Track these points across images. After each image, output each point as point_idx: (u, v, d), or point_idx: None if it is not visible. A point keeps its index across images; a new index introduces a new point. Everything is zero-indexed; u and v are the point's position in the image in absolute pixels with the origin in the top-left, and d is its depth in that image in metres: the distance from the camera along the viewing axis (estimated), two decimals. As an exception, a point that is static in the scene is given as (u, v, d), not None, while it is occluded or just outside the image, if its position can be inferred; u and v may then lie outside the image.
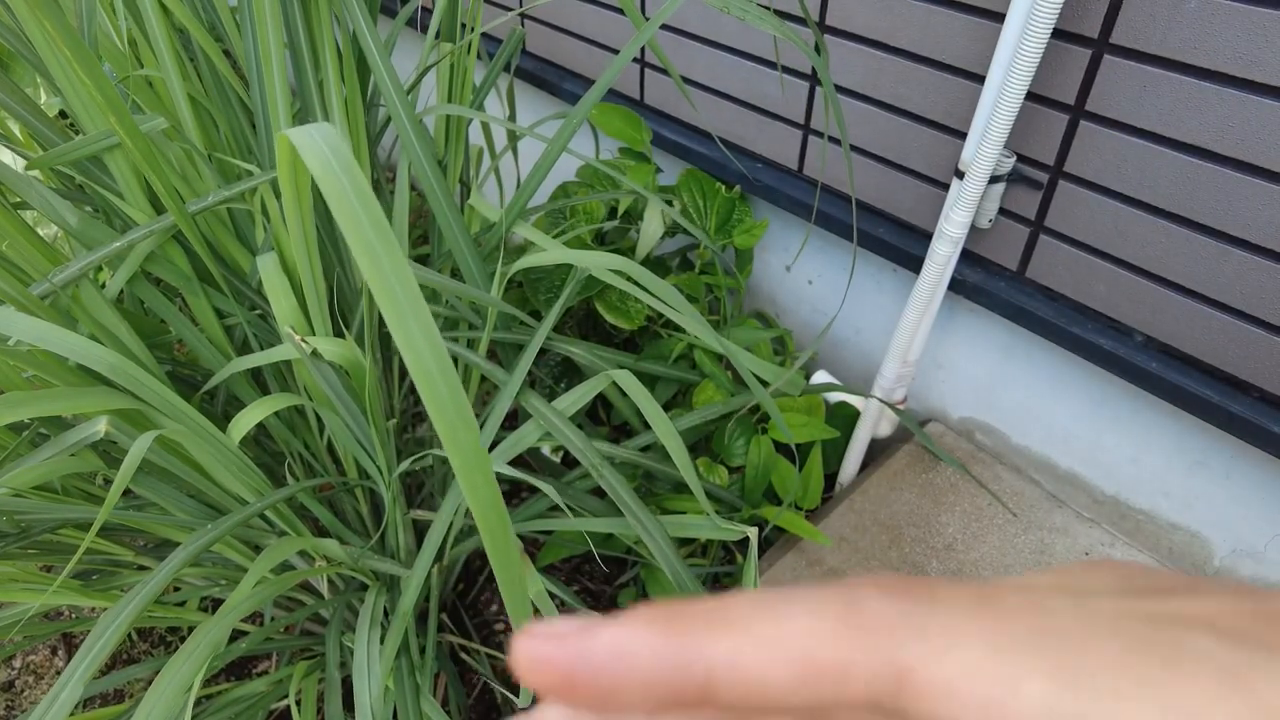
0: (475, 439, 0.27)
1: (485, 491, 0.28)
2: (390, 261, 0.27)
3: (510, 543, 0.29)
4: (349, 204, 0.30)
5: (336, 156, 0.32)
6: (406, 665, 0.70)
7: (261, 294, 0.81)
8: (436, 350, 0.28)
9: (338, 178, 0.31)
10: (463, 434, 0.27)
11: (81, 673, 0.49)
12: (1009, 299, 1.02)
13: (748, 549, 0.70)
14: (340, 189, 0.30)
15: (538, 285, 1.10)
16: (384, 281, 0.29)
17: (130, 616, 0.49)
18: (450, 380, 0.28)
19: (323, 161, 0.31)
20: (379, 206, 0.30)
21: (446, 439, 0.27)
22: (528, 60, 1.50)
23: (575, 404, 0.71)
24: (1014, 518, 1.12)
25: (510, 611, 0.30)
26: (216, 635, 0.50)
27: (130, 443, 0.63)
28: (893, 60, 0.99)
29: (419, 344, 0.27)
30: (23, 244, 0.61)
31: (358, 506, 0.89)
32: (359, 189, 0.30)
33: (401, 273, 0.27)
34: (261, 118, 0.77)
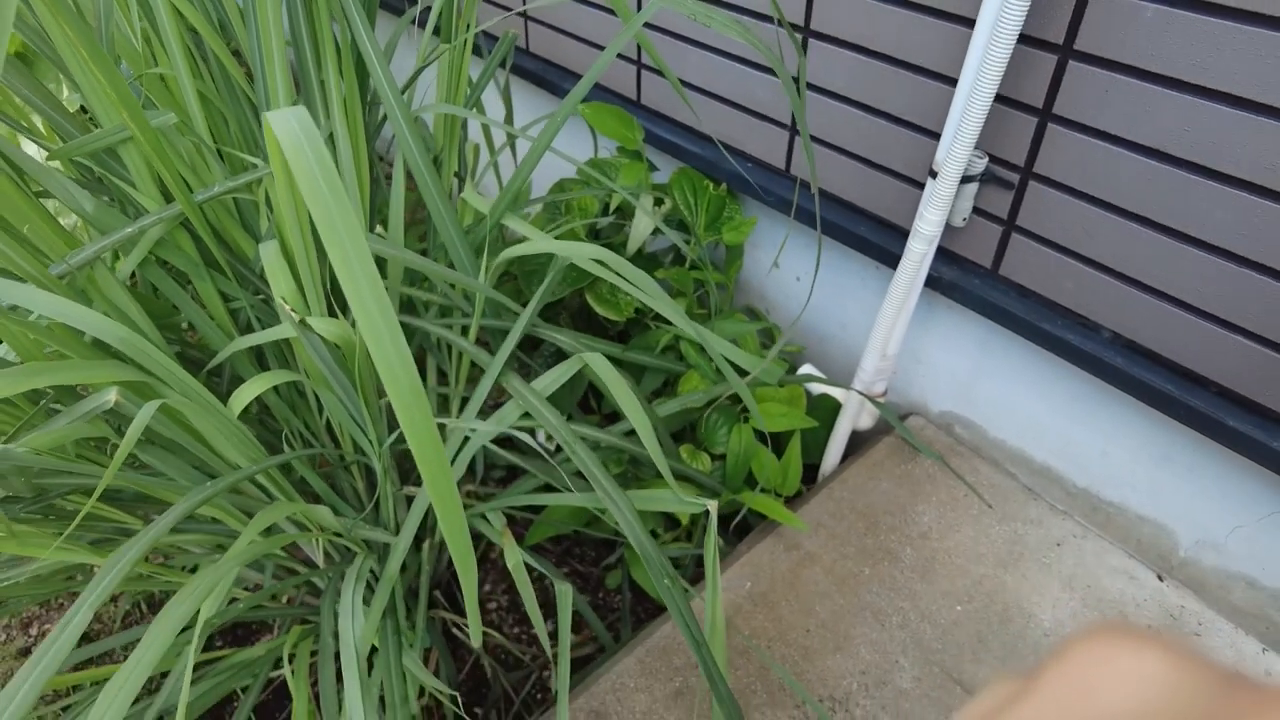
0: (411, 373, 0.32)
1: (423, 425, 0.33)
2: (345, 226, 0.32)
3: (448, 474, 0.33)
4: (312, 175, 0.35)
5: (305, 134, 0.36)
6: (391, 626, 0.75)
7: (265, 280, 0.87)
8: (384, 308, 0.33)
9: (304, 152, 0.35)
10: (400, 372, 0.32)
11: (84, 612, 0.54)
12: (984, 296, 1.05)
13: (724, 529, 0.74)
14: (306, 163, 0.35)
15: (531, 278, 1.15)
16: (339, 244, 0.34)
17: (133, 559, 0.54)
18: (394, 331, 0.32)
19: (292, 138, 0.36)
20: (339, 178, 0.34)
21: (386, 376, 0.32)
22: (530, 61, 1.55)
23: (552, 384, 0.76)
24: (989, 509, 1.15)
25: (451, 548, 0.34)
26: (216, 577, 0.55)
27: (137, 412, 0.69)
28: (872, 64, 1.03)
29: (367, 300, 0.31)
30: (44, 229, 0.66)
31: (354, 483, 0.94)
32: (322, 161, 0.35)
33: (355, 235, 0.32)
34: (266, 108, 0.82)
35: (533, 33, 1.53)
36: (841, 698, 0.95)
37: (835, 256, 1.25)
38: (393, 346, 0.32)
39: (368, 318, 0.32)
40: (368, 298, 0.31)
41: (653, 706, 0.95)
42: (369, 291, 0.32)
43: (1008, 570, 1.08)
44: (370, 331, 0.32)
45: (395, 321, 0.33)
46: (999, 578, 1.07)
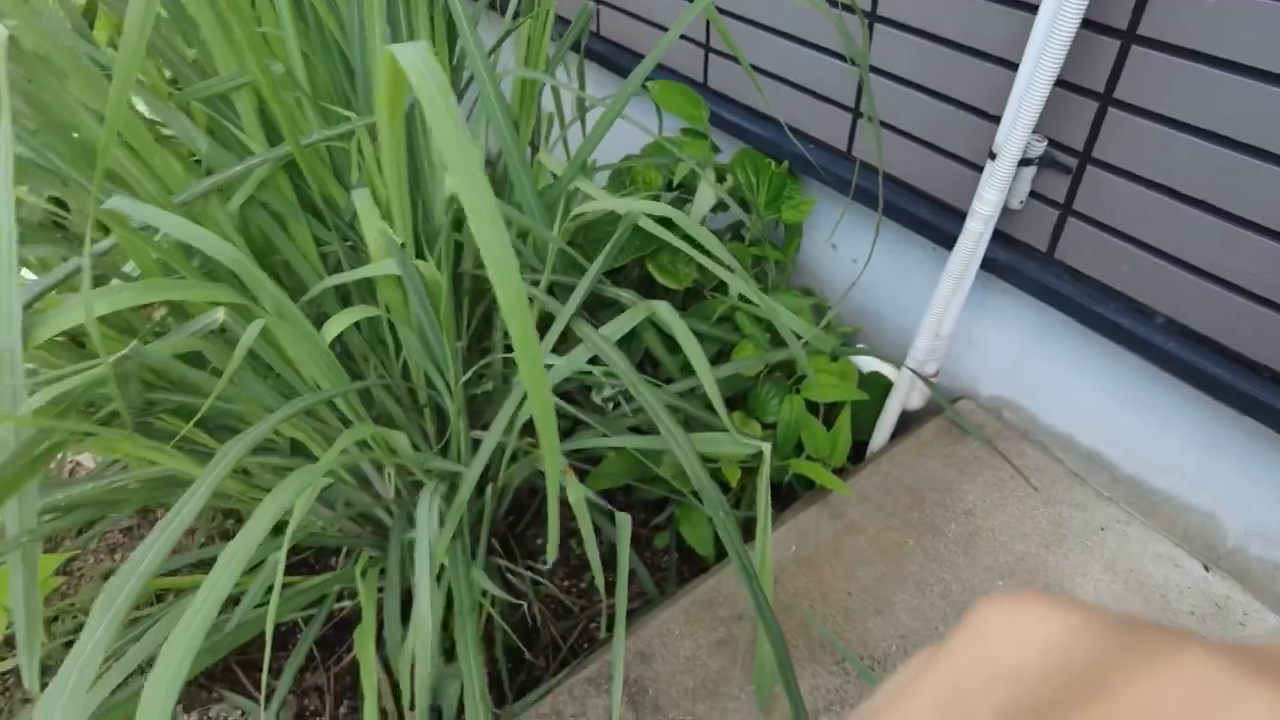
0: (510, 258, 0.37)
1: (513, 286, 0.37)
2: (462, 144, 0.37)
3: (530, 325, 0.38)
4: (435, 98, 0.40)
5: (426, 63, 0.42)
6: (460, 547, 0.80)
7: (353, 226, 0.93)
8: (491, 211, 0.38)
9: (426, 75, 0.41)
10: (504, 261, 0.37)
11: (190, 507, 0.60)
12: (1038, 279, 1.07)
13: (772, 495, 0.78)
14: (429, 87, 0.40)
15: (595, 246, 1.20)
16: (460, 160, 0.39)
17: (238, 456, 0.60)
18: (497, 224, 0.37)
19: (417, 66, 0.41)
20: (454, 100, 0.39)
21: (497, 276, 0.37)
22: (601, 44, 1.60)
23: (620, 330, 0.81)
24: (1034, 491, 1.17)
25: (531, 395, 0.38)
26: (308, 479, 0.61)
27: (240, 334, 0.75)
28: (936, 48, 1.06)
29: (479, 206, 0.36)
30: (171, 161, 0.73)
31: (424, 424, 1.00)
32: (441, 84, 0.40)
33: (469, 153, 0.37)
34: (360, 72, 0.89)
35: (604, 16, 1.58)
36: (880, 658, 0.98)
37: (892, 238, 1.27)
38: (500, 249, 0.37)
39: (482, 226, 0.37)
40: (481, 208, 0.36)
41: (696, 653, 0.99)
42: (482, 203, 0.37)
43: (1050, 550, 1.09)
44: (483, 238, 0.37)
45: (504, 231, 0.38)
46: (1041, 557, 1.09)
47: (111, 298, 0.65)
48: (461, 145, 0.37)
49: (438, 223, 0.88)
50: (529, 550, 1.29)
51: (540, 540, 1.30)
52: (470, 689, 0.68)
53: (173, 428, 0.92)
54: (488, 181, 0.39)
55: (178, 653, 0.48)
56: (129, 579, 0.51)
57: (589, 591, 1.25)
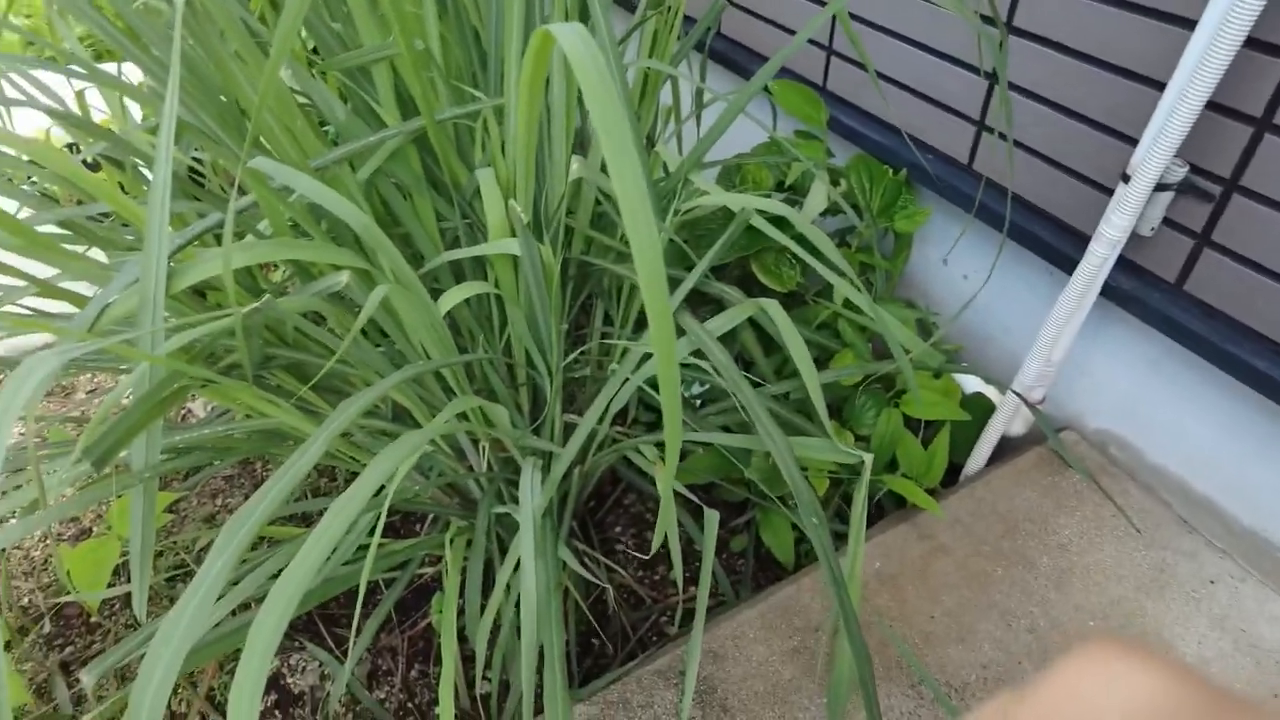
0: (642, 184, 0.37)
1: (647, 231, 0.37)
2: (618, 119, 0.37)
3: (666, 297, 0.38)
4: (592, 75, 0.40)
5: (585, 42, 0.42)
6: (548, 525, 0.81)
7: (472, 205, 0.95)
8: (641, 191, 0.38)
9: (585, 56, 0.41)
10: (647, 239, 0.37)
11: (308, 457, 0.62)
12: (1163, 311, 1.02)
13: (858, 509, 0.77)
14: (587, 64, 0.41)
15: (700, 242, 1.20)
16: (615, 137, 0.39)
17: (354, 414, 0.63)
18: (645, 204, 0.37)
19: (574, 43, 0.42)
20: (611, 74, 0.40)
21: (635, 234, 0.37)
22: (720, 41, 1.60)
23: (723, 326, 0.80)
24: (1137, 533, 1.11)
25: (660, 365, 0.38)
26: (417, 441, 0.63)
27: (363, 299, 0.78)
28: (1072, 63, 1.02)
29: (630, 186, 0.37)
30: (306, 130, 0.77)
31: (520, 403, 1.02)
32: (599, 63, 0.40)
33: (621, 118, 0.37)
34: (494, 55, 0.91)
35: (726, 15, 1.58)
36: (959, 686, 0.95)
37: (1007, 257, 1.23)
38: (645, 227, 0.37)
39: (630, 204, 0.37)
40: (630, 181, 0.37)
41: (769, 659, 0.98)
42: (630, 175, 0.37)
43: (1150, 597, 1.04)
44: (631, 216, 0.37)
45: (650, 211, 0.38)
46: (1139, 602, 1.04)
47: (249, 252, 0.68)
48: (618, 123, 0.37)
49: (554, 206, 0.89)
50: (606, 538, 1.30)
51: (618, 528, 1.31)
52: (550, 664, 0.69)
53: (283, 383, 0.96)
54: (639, 162, 0.40)
55: (288, 590, 0.50)
56: (250, 516, 0.53)
57: (662, 584, 1.25)
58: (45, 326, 0.60)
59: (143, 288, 0.65)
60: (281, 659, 1.21)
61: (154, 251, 0.65)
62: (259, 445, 0.99)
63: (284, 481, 0.59)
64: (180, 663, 0.47)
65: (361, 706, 1.15)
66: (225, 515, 1.39)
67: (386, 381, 0.65)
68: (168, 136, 0.63)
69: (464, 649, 1.16)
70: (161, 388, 0.68)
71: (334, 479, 1.43)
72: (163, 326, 0.67)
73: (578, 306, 1.15)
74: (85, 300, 0.75)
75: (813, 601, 1.04)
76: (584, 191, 0.99)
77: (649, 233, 0.37)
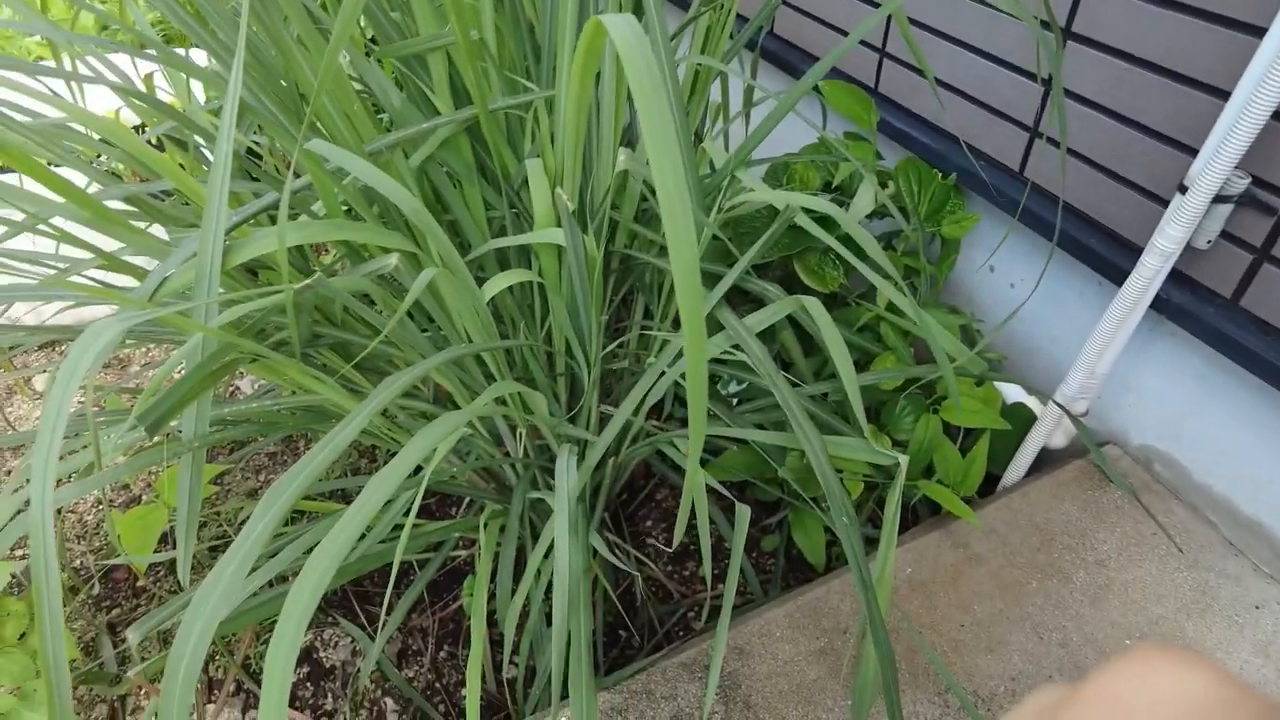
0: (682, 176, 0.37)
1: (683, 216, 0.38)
2: (662, 113, 0.38)
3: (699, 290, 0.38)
4: (640, 66, 0.41)
5: (635, 33, 0.43)
6: (582, 510, 0.82)
7: (520, 195, 0.97)
8: (680, 183, 0.38)
9: (634, 47, 0.42)
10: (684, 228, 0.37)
11: (349, 431, 0.64)
12: (1217, 326, 0.99)
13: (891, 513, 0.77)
14: (635, 55, 0.41)
15: (743, 239, 1.20)
16: (658, 129, 0.40)
17: (396, 392, 0.64)
18: (683, 194, 0.38)
19: (625, 34, 0.43)
20: (660, 66, 0.40)
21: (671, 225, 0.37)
22: (772, 41, 1.59)
23: (763, 322, 0.80)
24: (1179, 553, 1.09)
25: (689, 355, 0.39)
26: (455, 422, 0.64)
27: (410, 282, 0.80)
28: (1132, 70, 1.00)
29: (670, 178, 0.37)
30: (362, 115, 0.78)
31: (557, 391, 1.03)
32: (647, 55, 0.41)
33: (665, 108, 0.38)
34: (547, 48, 0.92)
35: (779, 14, 1.57)
36: (986, 696, 0.94)
37: (1056, 266, 1.21)
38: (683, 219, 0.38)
39: (668, 195, 0.37)
40: (669, 169, 0.37)
41: (795, 658, 0.97)
42: (670, 163, 0.38)
43: (1190, 619, 1.02)
44: (668, 206, 0.38)
45: (689, 202, 0.38)
46: (1178, 623, 1.01)
47: (303, 231, 0.70)
48: (662, 113, 0.38)
49: (599, 198, 0.90)
50: (637, 531, 1.31)
51: (649, 523, 1.31)
52: (578, 647, 0.70)
53: (329, 362, 0.98)
54: (680, 151, 0.40)
55: (325, 559, 0.52)
56: (293, 481, 0.55)
57: (691, 579, 1.25)
58: (109, 294, 0.62)
59: (200, 262, 0.68)
60: (315, 633, 1.24)
61: (212, 228, 0.68)
62: (303, 422, 1.01)
63: (328, 450, 0.60)
64: (217, 622, 0.49)
65: (390, 684, 1.17)
66: (267, 490, 1.43)
67: (430, 360, 0.67)
68: (230, 117, 0.65)
69: (492, 634, 1.18)
70: (213, 359, 0.71)
71: (374, 459, 1.46)
72: (217, 299, 0.69)
73: (618, 300, 1.16)
74: (145, 274, 0.78)
75: (842, 604, 1.04)
76: (630, 186, 1.00)
77: (684, 220, 0.37)
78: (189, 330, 0.69)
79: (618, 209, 0.99)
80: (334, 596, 1.29)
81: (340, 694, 1.17)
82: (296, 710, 1.17)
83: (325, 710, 1.16)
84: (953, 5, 1.20)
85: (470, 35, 0.79)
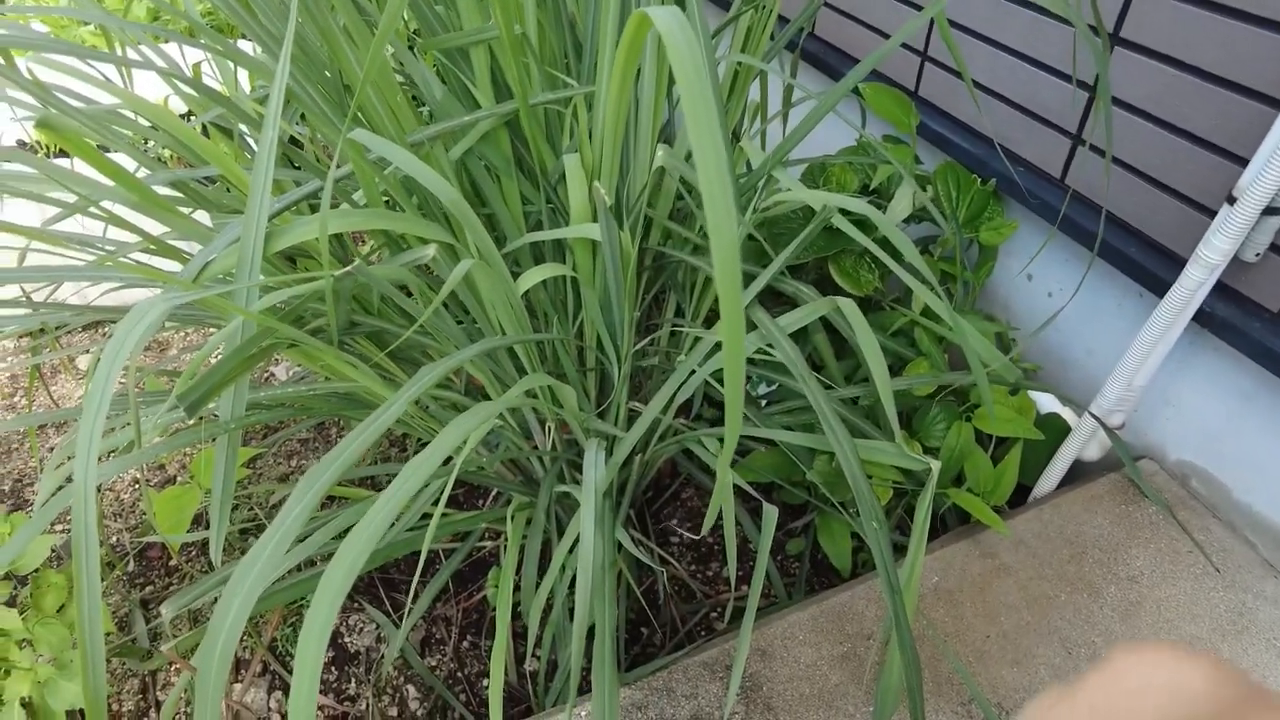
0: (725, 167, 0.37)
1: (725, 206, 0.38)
2: (708, 106, 0.38)
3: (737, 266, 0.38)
4: (685, 58, 0.41)
5: (680, 25, 0.43)
6: (608, 505, 0.83)
7: (556, 190, 0.97)
8: (724, 178, 0.38)
9: (680, 39, 0.42)
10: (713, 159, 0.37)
11: (388, 415, 0.65)
12: (1262, 341, 0.97)
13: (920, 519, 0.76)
14: (681, 47, 0.41)
15: (778, 240, 1.20)
16: (700, 118, 0.40)
17: (419, 391, 0.65)
18: (726, 190, 0.38)
19: (671, 27, 0.43)
20: (704, 60, 0.41)
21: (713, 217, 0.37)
22: (813, 42, 1.59)
23: (797, 322, 0.80)
24: (1215, 572, 1.06)
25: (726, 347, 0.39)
26: (487, 412, 0.64)
27: (447, 273, 0.81)
28: (1181, 77, 0.98)
29: (714, 173, 0.38)
30: (405, 107, 0.79)
31: (587, 386, 1.03)
32: (693, 49, 0.41)
33: (710, 103, 0.38)
34: (588, 43, 0.92)
35: (820, 16, 1.56)
36: (1010, 708, 0.93)
37: (1094, 276, 1.19)
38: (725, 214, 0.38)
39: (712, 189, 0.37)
40: (713, 164, 0.37)
41: (818, 662, 0.97)
42: (714, 159, 0.38)
43: (1226, 640, 1.00)
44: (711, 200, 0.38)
45: (731, 197, 0.38)
46: (1213, 643, 0.99)
47: (344, 219, 0.71)
48: (707, 108, 0.38)
49: (635, 195, 0.90)
50: (662, 529, 1.31)
51: (674, 521, 1.31)
52: (601, 641, 0.70)
53: (364, 350, 1.00)
54: (724, 148, 0.40)
55: (358, 545, 0.53)
56: (330, 465, 0.56)
57: (714, 580, 1.25)
58: (155, 275, 0.63)
59: (242, 247, 0.69)
60: (341, 618, 1.26)
61: (255, 214, 0.69)
62: (336, 408, 1.03)
63: (365, 435, 0.61)
64: (254, 601, 0.50)
65: (413, 671, 1.19)
66: (299, 475, 1.45)
67: (466, 352, 0.68)
68: (276, 105, 0.66)
69: (514, 626, 1.19)
70: (252, 343, 0.72)
71: (404, 449, 1.47)
72: (258, 284, 0.70)
73: (650, 297, 1.16)
74: (188, 257, 0.80)
75: (866, 609, 1.03)
76: (665, 183, 1.00)
77: (728, 217, 0.37)
78: (229, 314, 0.70)
79: (653, 206, 0.99)
80: (360, 582, 1.30)
81: (364, 679, 1.19)
82: (320, 694, 1.18)
83: (348, 695, 1.17)
84: (997, 8, 1.19)
85: (513, 29, 0.79)
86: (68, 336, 1.81)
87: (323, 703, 1.16)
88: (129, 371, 0.62)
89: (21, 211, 1.61)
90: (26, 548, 0.98)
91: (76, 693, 1.00)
